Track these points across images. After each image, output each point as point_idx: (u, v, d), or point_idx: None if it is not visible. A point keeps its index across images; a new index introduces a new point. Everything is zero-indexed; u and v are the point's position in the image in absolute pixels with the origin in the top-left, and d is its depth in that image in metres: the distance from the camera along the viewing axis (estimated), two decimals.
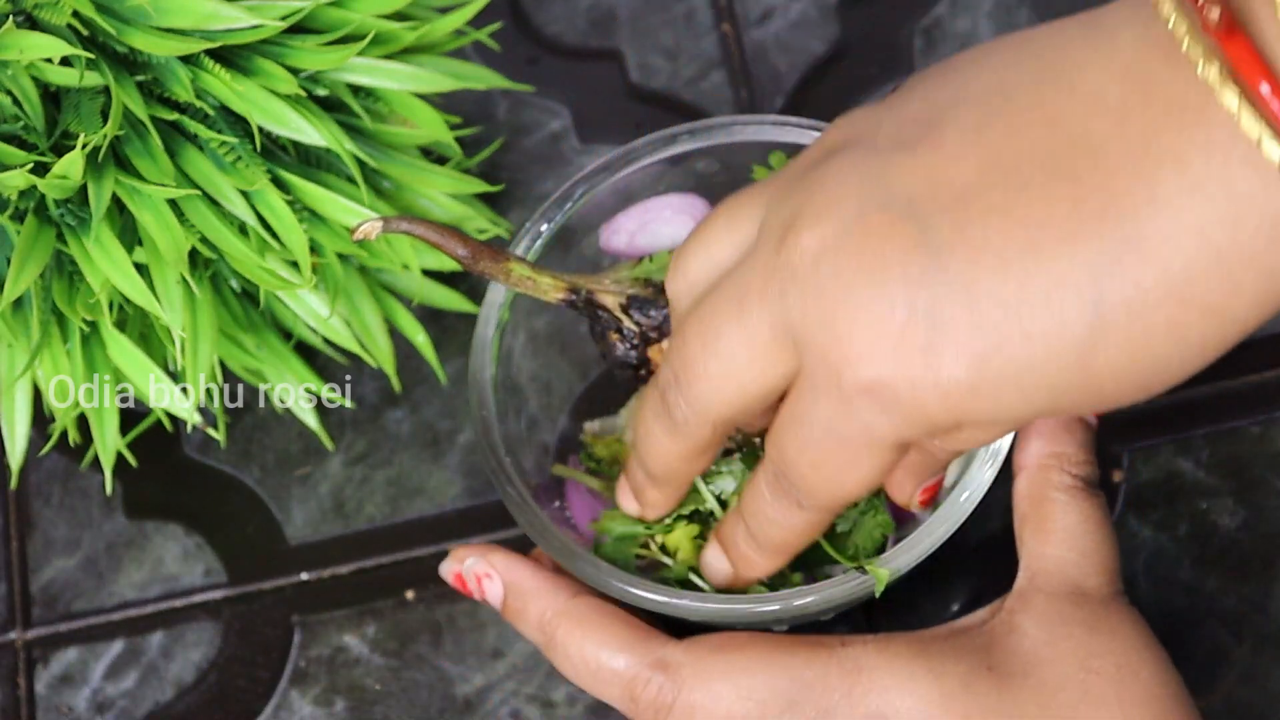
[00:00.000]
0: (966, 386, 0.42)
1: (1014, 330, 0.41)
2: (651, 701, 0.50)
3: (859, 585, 0.51)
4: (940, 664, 0.48)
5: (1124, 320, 0.41)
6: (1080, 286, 0.41)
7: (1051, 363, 0.42)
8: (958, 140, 0.42)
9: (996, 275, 0.41)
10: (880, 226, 0.43)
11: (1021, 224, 0.41)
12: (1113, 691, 0.48)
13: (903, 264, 0.42)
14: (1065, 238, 0.41)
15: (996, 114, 0.42)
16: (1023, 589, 0.50)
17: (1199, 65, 0.38)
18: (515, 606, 0.53)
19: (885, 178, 0.43)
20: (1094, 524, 0.51)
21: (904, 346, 0.43)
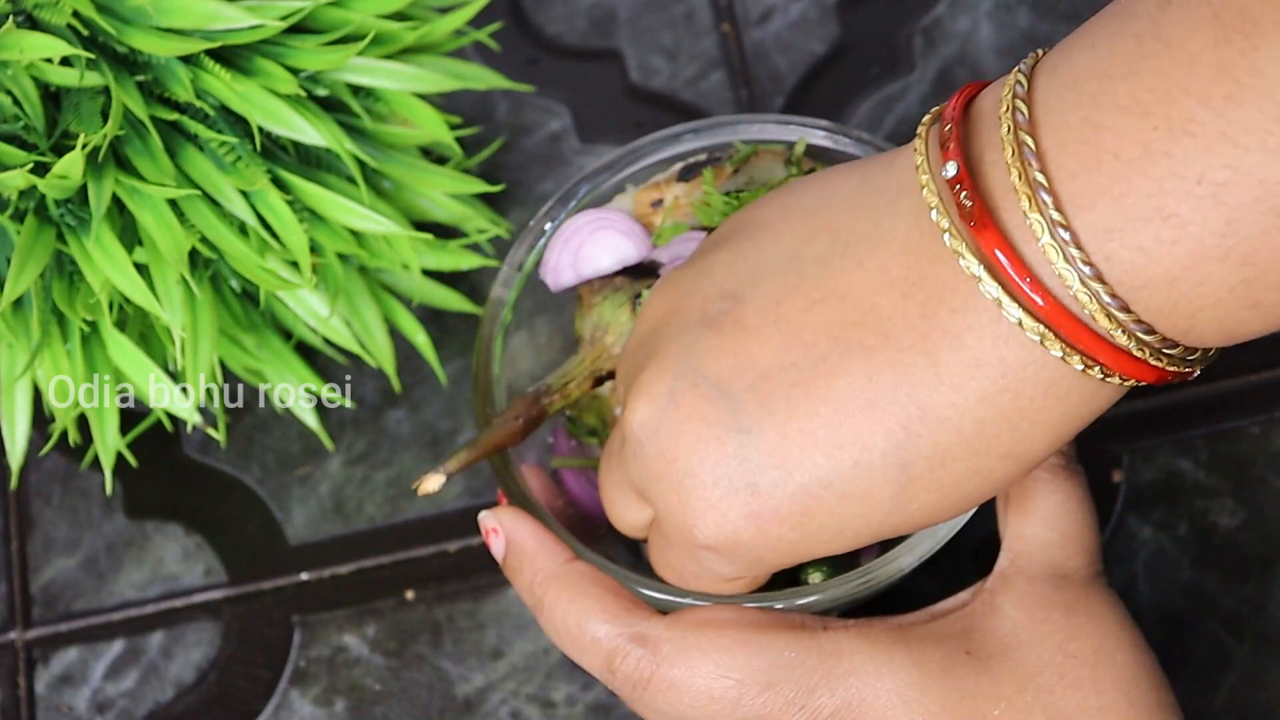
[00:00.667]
0: (794, 541, 0.47)
1: (829, 495, 0.46)
2: (630, 674, 0.50)
3: (862, 584, 0.51)
4: (920, 649, 0.49)
5: (929, 474, 0.45)
6: (885, 452, 0.45)
7: (868, 514, 0.46)
8: (758, 317, 0.46)
9: (806, 448, 0.45)
10: (693, 406, 0.47)
11: (823, 398, 0.45)
12: (1090, 674, 0.49)
13: (718, 441, 0.46)
14: (864, 408, 0.44)
15: (793, 290, 0.46)
16: (1004, 570, 0.51)
17: (961, 256, 0.42)
18: (513, 565, 0.53)
19: (694, 357, 0.47)
20: (1076, 504, 0.52)
21: (731, 516, 0.47)
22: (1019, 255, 0.41)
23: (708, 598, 0.51)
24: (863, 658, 0.49)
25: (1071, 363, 0.42)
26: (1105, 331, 0.41)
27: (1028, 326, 0.42)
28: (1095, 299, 0.41)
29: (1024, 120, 0.41)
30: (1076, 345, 0.42)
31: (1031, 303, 0.41)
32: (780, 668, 0.49)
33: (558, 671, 0.61)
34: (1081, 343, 0.42)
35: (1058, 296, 0.41)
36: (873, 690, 0.48)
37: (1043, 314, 0.42)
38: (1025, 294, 0.41)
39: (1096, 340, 0.42)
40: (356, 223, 0.57)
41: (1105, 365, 0.42)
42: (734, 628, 0.49)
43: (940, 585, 0.54)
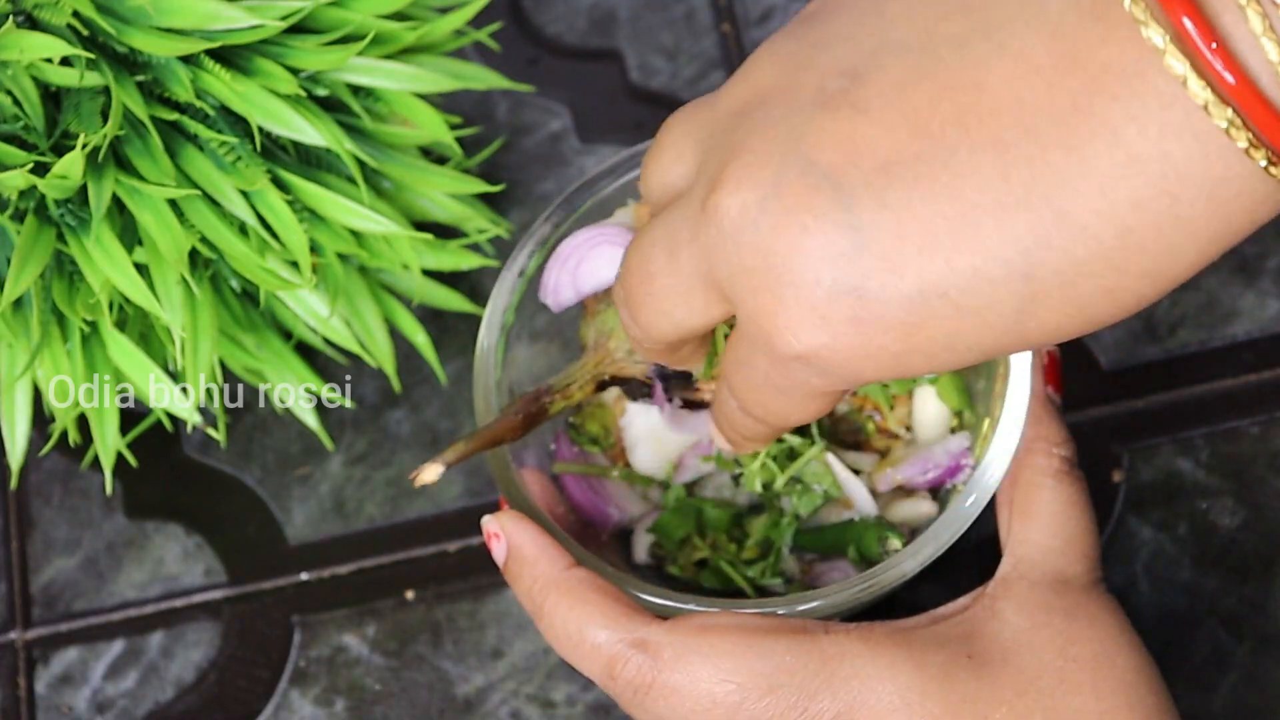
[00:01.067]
0: (897, 353, 0.42)
1: (943, 305, 0.41)
2: (631, 680, 0.49)
3: (863, 589, 0.51)
4: (921, 652, 0.49)
5: (1057, 290, 0.40)
6: (1010, 262, 0.40)
7: (984, 331, 0.41)
8: (881, 101, 0.41)
9: (923, 251, 0.41)
10: (799, 197, 0.42)
11: (947, 197, 0.40)
12: (1089, 678, 0.49)
13: (825, 237, 0.41)
14: (993, 210, 0.40)
15: (922, 73, 0.41)
16: (1006, 576, 0.51)
17: (1143, 24, 0.37)
18: (513, 570, 0.52)
19: (805, 141, 0.42)
20: (1078, 510, 0.52)
21: (832, 319, 0.42)
22: (1210, 22, 0.37)
23: (708, 604, 0.51)
24: (864, 661, 0.49)
25: (1256, 157, 0.37)
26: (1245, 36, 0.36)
27: (1213, 110, 0.37)
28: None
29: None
30: (1265, 134, 0.37)
31: (1221, 80, 0.36)
32: (781, 671, 0.49)
33: (558, 671, 0.61)
34: (1259, 120, 0.37)
35: (1253, 75, 0.37)
36: (874, 694, 0.48)
37: (1233, 94, 0.37)
38: (1214, 69, 0.36)
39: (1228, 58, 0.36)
40: (356, 223, 0.57)
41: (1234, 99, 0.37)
42: (735, 632, 0.49)
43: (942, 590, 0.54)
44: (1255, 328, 0.63)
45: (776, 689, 0.48)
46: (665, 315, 0.46)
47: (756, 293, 0.43)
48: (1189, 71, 0.37)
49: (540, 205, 0.67)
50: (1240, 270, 0.64)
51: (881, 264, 0.41)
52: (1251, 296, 0.63)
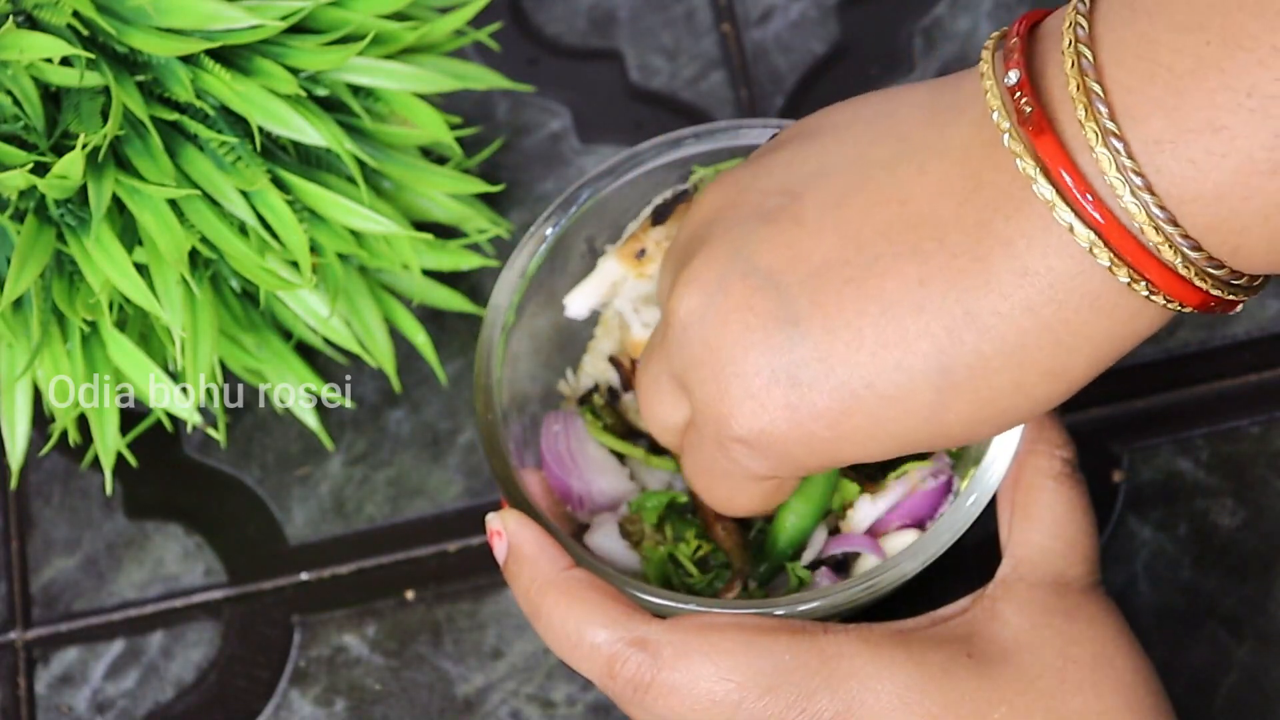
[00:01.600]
0: (828, 439, 0.47)
1: (869, 394, 0.45)
2: (630, 679, 0.50)
3: (862, 590, 0.51)
4: (921, 652, 0.49)
5: (968, 383, 0.45)
6: (927, 355, 0.45)
7: (905, 419, 0.46)
8: (817, 215, 0.46)
9: (851, 345, 0.45)
10: (742, 296, 0.47)
11: (873, 298, 0.45)
12: (1089, 678, 0.49)
13: (764, 331, 0.46)
14: (912, 311, 0.44)
15: (855, 190, 0.46)
16: (1006, 577, 0.51)
17: (1018, 157, 0.42)
18: (512, 569, 0.53)
19: (747, 249, 0.47)
20: (1079, 513, 0.52)
21: (770, 406, 0.47)
22: (1073, 162, 0.42)
23: (707, 604, 0.51)
24: (863, 660, 0.49)
25: (1118, 275, 0.42)
26: (1153, 246, 0.41)
27: (1078, 233, 0.42)
28: (1144, 210, 0.41)
29: (1084, 34, 0.42)
30: (1124, 257, 0.42)
31: (1083, 209, 0.42)
32: (780, 670, 0.49)
33: (558, 671, 0.61)
34: (1129, 255, 0.42)
35: (1109, 206, 0.41)
36: (873, 692, 0.48)
37: (1093, 222, 0.42)
38: (1078, 200, 0.42)
39: (1144, 254, 0.42)
40: (356, 223, 0.57)
41: (1151, 281, 0.42)
42: (735, 631, 0.49)
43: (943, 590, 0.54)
44: (1255, 328, 0.63)
45: (775, 688, 0.49)
46: (651, 413, 0.52)
47: (705, 382, 0.48)
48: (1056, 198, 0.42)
49: (540, 205, 0.67)
50: None
51: (814, 356, 0.46)
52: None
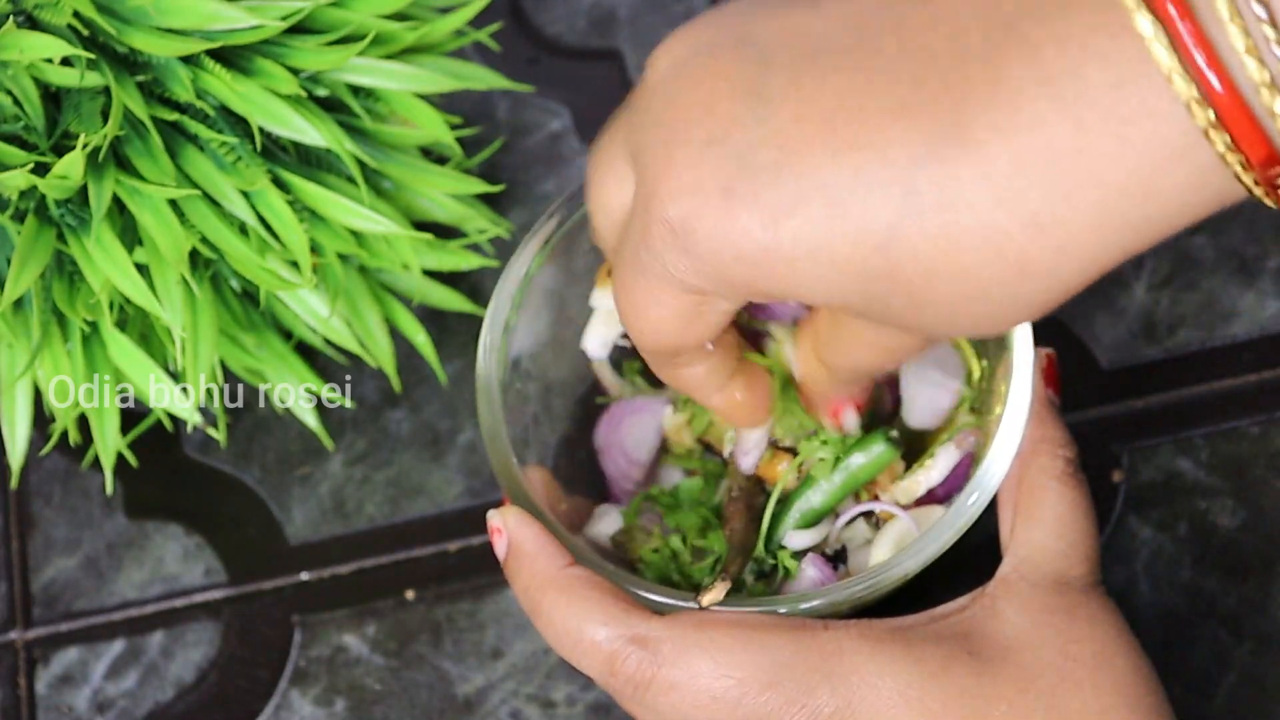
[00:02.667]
0: (763, 244, 0.40)
1: (818, 196, 0.39)
2: (630, 676, 0.49)
3: (865, 588, 0.51)
4: (920, 649, 0.49)
5: (934, 213, 0.38)
6: (897, 167, 0.38)
7: (855, 239, 0.39)
8: (835, 3, 0.40)
9: (814, 138, 0.39)
10: (727, 61, 0.41)
11: (857, 91, 0.39)
12: (1089, 677, 0.49)
13: (732, 100, 0.40)
14: (895, 113, 0.38)
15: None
16: (1006, 576, 0.51)
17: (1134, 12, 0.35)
18: (513, 566, 0.52)
19: (754, 21, 0.41)
20: (1081, 513, 0.52)
21: (707, 183, 0.40)
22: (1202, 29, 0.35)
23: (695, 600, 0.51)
24: (864, 657, 0.49)
25: (1175, 86, 0.35)
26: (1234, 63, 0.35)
27: (1140, 17, 0.35)
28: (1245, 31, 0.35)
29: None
30: (1189, 69, 0.35)
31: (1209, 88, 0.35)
32: (780, 666, 0.49)
33: (558, 671, 0.61)
34: (1197, 72, 0.35)
35: (1197, 13, 0.35)
36: (873, 688, 0.48)
37: (1163, 12, 0.35)
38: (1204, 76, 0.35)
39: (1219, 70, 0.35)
40: (356, 223, 0.57)
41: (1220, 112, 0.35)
42: (734, 627, 0.49)
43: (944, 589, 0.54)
44: (1255, 328, 0.63)
45: (775, 684, 0.49)
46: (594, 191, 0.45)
47: (653, 146, 0.42)
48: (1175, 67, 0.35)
49: (540, 205, 0.67)
50: (1240, 270, 0.64)
51: (774, 140, 0.40)
52: (1251, 296, 0.63)
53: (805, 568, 0.54)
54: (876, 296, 0.40)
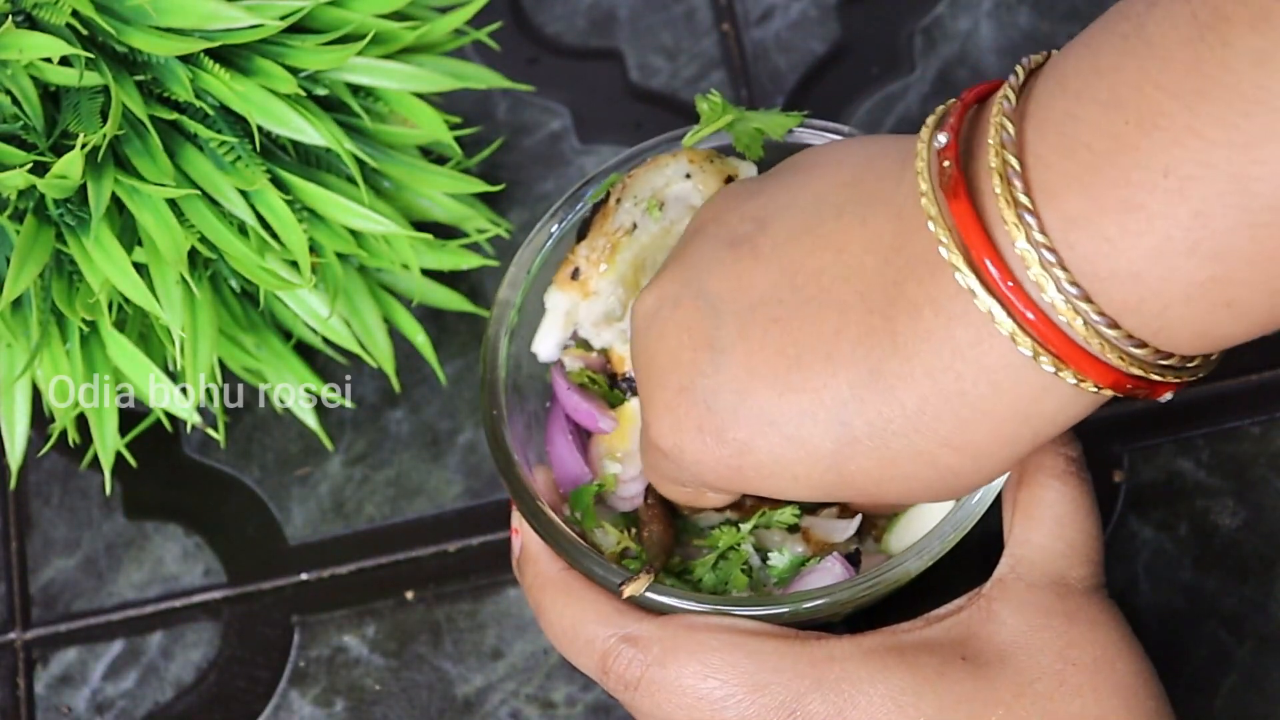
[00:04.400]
0: (734, 467, 0.48)
1: (774, 432, 0.47)
2: (621, 675, 0.50)
3: (867, 588, 0.51)
4: (914, 655, 0.49)
5: (868, 442, 0.45)
6: (830, 407, 0.46)
7: (807, 463, 0.47)
8: (770, 249, 0.48)
9: (764, 381, 0.47)
10: (688, 314, 0.49)
11: (793, 340, 0.46)
12: (1089, 681, 0.48)
13: (693, 352, 0.48)
14: (824, 360, 0.45)
15: (805, 232, 0.47)
16: (1003, 577, 0.50)
17: (930, 220, 0.43)
18: (521, 566, 0.54)
19: (706, 270, 0.49)
20: (1083, 513, 0.52)
21: (685, 424, 0.48)
22: (985, 230, 0.42)
23: (704, 602, 0.51)
24: (855, 663, 0.48)
25: (1020, 346, 0.42)
26: (1064, 322, 0.41)
27: (980, 299, 0.42)
28: (1056, 284, 0.41)
29: (1009, 108, 0.42)
30: (1029, 329, 0.42)
31: (989, 276, 0.42)
32: (769, 670, 0.49)
33: (557, 672, 0.61)
34: (1037, 330, 0.42)
35: (1018, 278, 0.41)
36: (866, 695, 0.48)
37: (998, 291, 0.42)
38: (985, 269, 0.42)
39: (1051, 327, 0.41)
40: (356, 222, 0.57)
41: (1058, 356, 0.42)
42: (724, 630, 0.49)
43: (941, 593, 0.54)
44: None
45: (764, 687, 0.49)
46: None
47: (641, 384, 0.50)
48: (961, 262, 0.42)
49: (540, 205, 0.67)
50: None
51: (731, 385, 0.47)
52: None
53: (829, 564, 0.54)
54: (839, 497, 0.48)
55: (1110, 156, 0.39)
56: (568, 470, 0.57)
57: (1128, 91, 0.39)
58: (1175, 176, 0.38)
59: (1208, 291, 0.40)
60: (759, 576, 0.54)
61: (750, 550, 0.54)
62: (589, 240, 0.56)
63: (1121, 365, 0.42)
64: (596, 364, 0.57)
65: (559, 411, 0.57)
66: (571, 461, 0.57)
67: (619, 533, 0.55)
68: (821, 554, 0.54)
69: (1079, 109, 0.40)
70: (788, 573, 0.54)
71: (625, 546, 0.55)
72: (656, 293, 0.50)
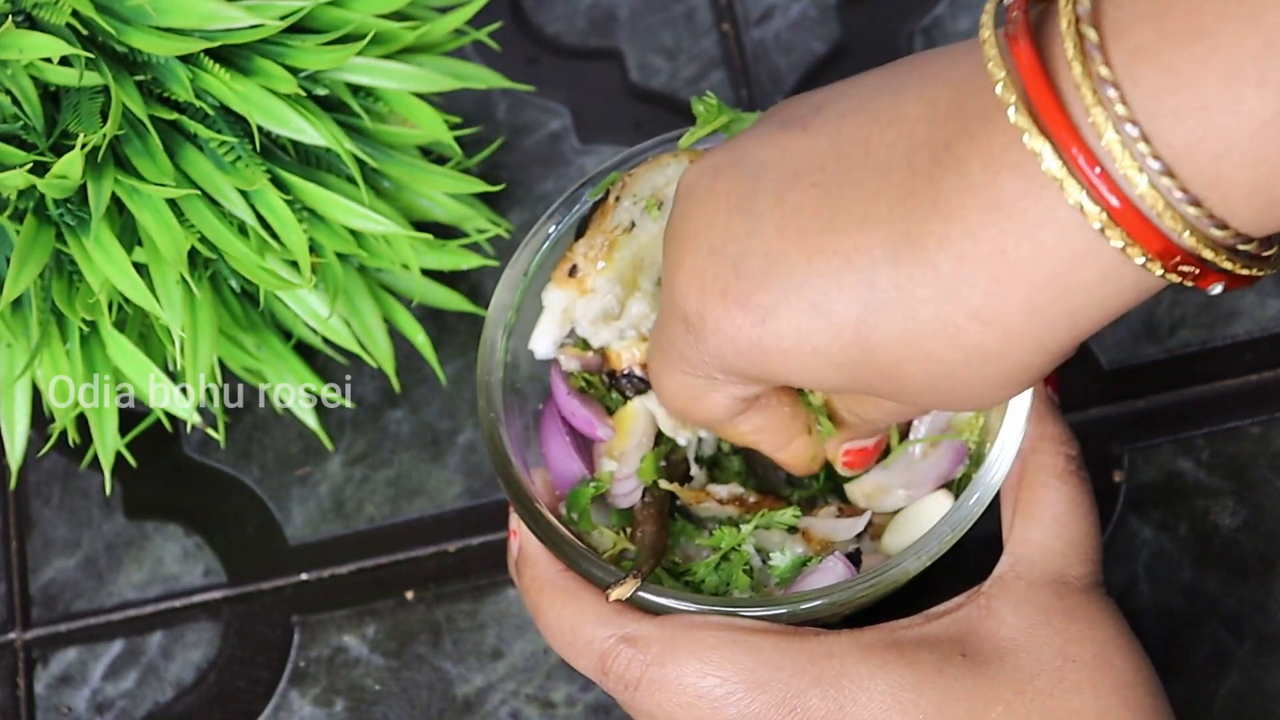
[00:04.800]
0: (755, 339, 0.46)
1: (799, 296, 0.45)
2: (620, 674, 0.50)
3: (866, 588, 0.51)
4: (914, 652, 0.49)
5: (895, 308, 0.43)
6: (860, 270, 0.44)
7: (831, 332, 0.45)
8: (821, 123, 0.46)
9: (794, 244, 0.45)
10: (729, 180, 0.47)
11: (830, 202, 0.44)
12: (1089, 678, 0.48)
13: (728, 215, 0.46)
14: (859, 222, 0.44)
15: (859, 109, 0.45)
16: (1003, 575, 0.51)
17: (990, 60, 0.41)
18: (519, 567, 0.54)
19: (758, 142, 0.47)
20: (1082, 512, 0.52)
21: (711, 289, 0.46)
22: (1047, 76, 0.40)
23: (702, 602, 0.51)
24: (854, 660, 0.49)
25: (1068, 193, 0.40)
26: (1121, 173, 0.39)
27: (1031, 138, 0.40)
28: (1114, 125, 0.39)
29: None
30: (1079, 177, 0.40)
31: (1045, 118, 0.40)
32: (768, 668, 0.49)
33: (557, 672, 0.61)
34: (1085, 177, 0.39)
35: (1075, 121, 0.40)
36: (865, 692, 0.48)
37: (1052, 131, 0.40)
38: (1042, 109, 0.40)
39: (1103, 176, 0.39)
40: (356, 222, 0.57)
41: (1111, 213, 0.40)
42: (723, 629, 0.49)
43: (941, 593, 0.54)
44: (1255, 328, 0.63)
45: (764, 684, 0.49)
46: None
47: (671, 252, 0.48)
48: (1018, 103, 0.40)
49: (540, 205, 0.67)
50: None
51: (761, 249, 0.45)
52: (1251, 296, 0.63)
53: (832, 563, 0.54)
54: (860, 380, 0.46)
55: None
56: (562, 468, 0.57)
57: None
58: (1249, 3, 0.37)
59: (1273, 130, 0.38)
60: (760, 577, 0.54)
61: (751, 551, 0.54)
62: (587, 238, 0.56)
63: (1173, 230, 0.40)
64: (594, 364, 0.57)
65: (554, 410, 0.57)
66: (566, 460, 0.57)
67: (615, 535, 0.55)
68: (823, 554, 0.54)
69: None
70: (789, 573, 0.54)
71: (623, 548, 0.55)
72: (699, 167, 0.49)
